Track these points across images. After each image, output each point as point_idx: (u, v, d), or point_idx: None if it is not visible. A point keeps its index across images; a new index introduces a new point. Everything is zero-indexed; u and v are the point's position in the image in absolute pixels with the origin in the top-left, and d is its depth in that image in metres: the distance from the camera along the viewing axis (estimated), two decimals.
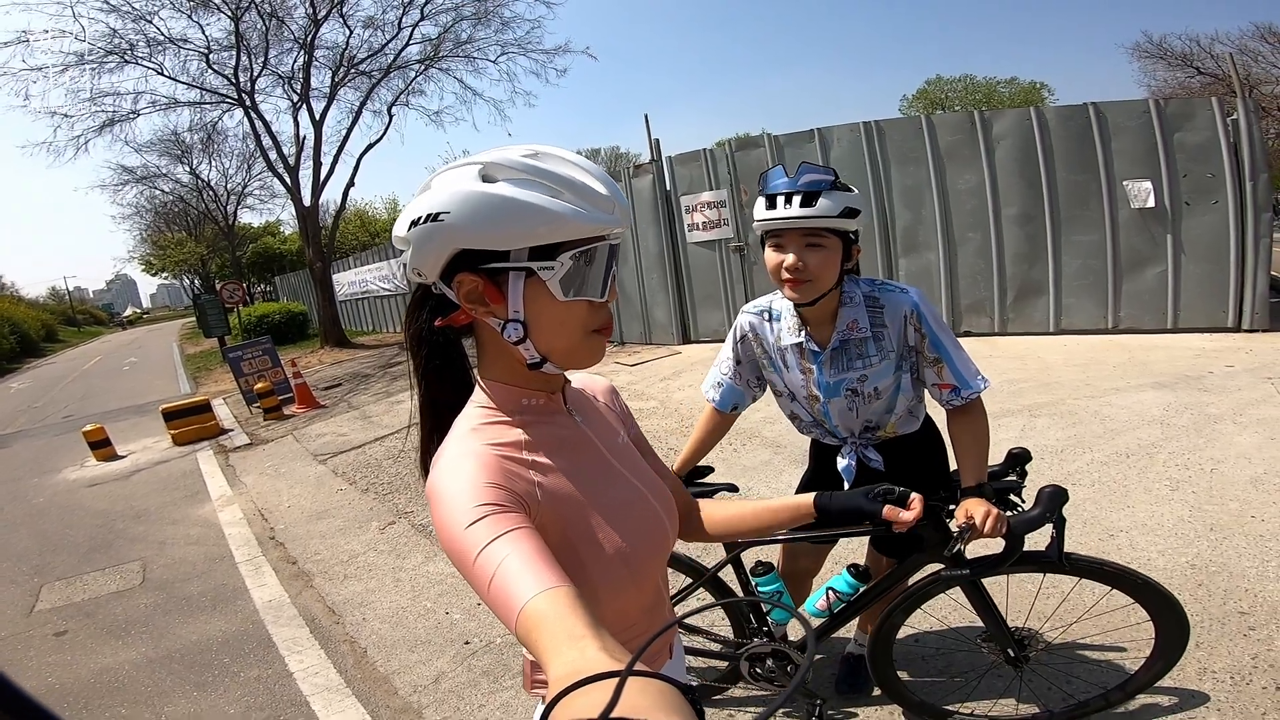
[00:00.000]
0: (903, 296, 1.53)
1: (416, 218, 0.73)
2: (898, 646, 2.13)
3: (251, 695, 2.54)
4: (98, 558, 4.24)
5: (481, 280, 0.73)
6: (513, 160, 0.72)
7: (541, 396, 0.83)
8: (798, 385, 1.67)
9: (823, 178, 1.43)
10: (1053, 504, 1.42)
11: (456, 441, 0.77)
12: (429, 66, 13.88)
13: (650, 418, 5.49)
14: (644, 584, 0.85)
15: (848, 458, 1.73)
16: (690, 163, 7.71)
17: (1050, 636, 2.08)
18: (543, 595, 0.57)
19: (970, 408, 1.55)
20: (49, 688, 2.78)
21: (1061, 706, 1.82)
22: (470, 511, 0.65)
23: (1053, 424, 3.95)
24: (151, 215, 30.03)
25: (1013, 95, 32.35)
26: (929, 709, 1.86)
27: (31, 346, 30.46)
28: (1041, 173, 5.70)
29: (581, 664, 0.49)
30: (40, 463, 7.51)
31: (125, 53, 11.68)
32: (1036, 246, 5.87)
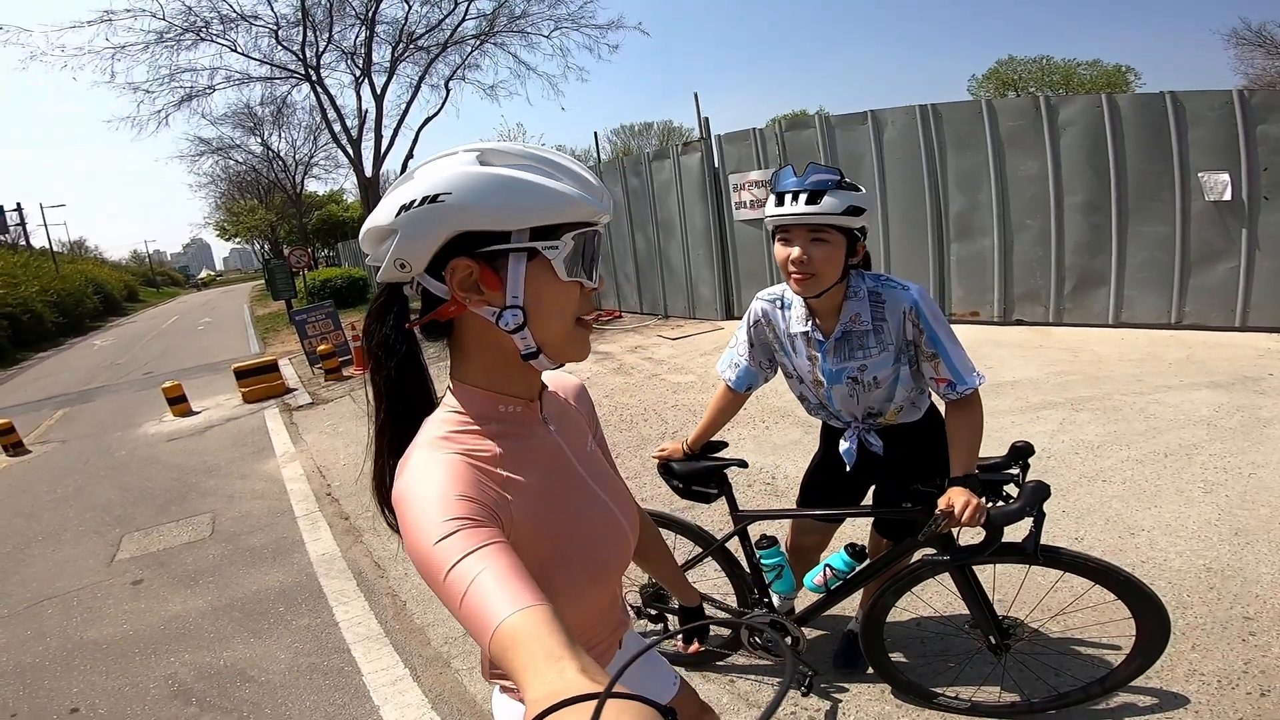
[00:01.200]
0: (903, 294, 1.61)
1: (408, 202, 0.70)
2: (900, 628, 2.27)
3: (300, 642, 2.79)
4: (173, 509, 4.62)
5: (478, 265, 0.71)
6: (508, 148, 0.72)
7: (519, 404, 0.81)
8: (805, 370, 1.79)
9: (828, 178, 1.51)
10: (1033, 498, 1.50)
11: (426, 447, 0.74)
12: (484, 41, 14.12)
13: (688, 392, 5.59)
14: (605, 593, 0.88)
15: (849, 441, 1.84)
16: (739, 141, 7.66)
17: (1038, 627, 2.13)
18: (518, 614, 0.55)
19: (966, 402, 1.62)
20: (123, 634, 3.06)
21: (1041, 697, 1.89)
22: (441, 525, 0.63)
23: (1094, 419, 3.85)
24: (225, 184, 31.52)
25: (1095, 78, 30.00)
26: (916, 689, 1.95)
27: (114, 306, 32.39)
28: (1111, 161, 5.44)
29: (560, 685, 0.48)
30: (122, 417, 8.10)
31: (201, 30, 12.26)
32: (1100, 236, 5.63)
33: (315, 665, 2.61)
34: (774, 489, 3.57)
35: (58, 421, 8.51)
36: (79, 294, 26.52)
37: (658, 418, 5.04)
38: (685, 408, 5.18)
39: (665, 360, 6.80)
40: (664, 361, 6.77)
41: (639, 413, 5.24)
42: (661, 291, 9.26)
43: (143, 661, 2.81)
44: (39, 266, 26.56)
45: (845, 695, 2.06)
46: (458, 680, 2.39)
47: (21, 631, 3.21)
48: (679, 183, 8.39)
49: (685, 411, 5.08)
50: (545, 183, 0.70)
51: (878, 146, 6.59)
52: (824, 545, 2.16)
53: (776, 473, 3.75)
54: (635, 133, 47.81)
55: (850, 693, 2.07)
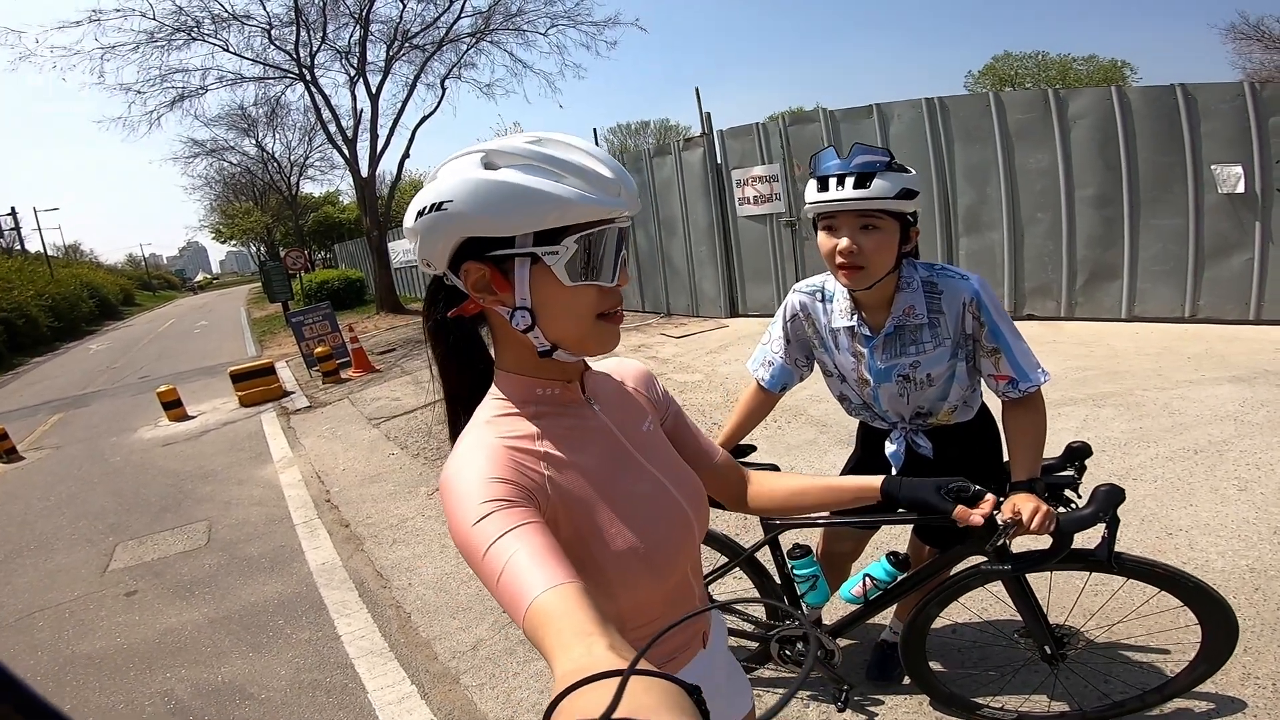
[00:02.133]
0: (963, 284, 1.48)
1: (422, 208, 0.72)
2: (934, 636, 2.12)
3: (302, 657, 2.67)
4: (168, 517, 4.50)
5: (488, 268, 0.73)
6: (515, 147, 0.71)
7: (557, 386, 0.81)
8: (848, 368, 1.65)
9: (877, 158, 1.37)
10: (1107, 503, 1.37)
11: (471, 433, 0.77)
12: (480, 39, 13.97)
13: (695, 391, 5.48)
14: (664, 577, 0.83)
15: (896, 443, 1.70)
16: (742, 136, 7.56)
17: (1092, 635, 2.02)
18: (551, 591, 0.56)
19: (1027, 401, 1.49)
20: (117, 648, 2.95)
21: (1095, 705, 1.78)
22: (479, 506, 0.65)
23: (1118, 415, 3.75)
24: (220, 186, 31.34)
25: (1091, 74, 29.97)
26: (958, 701, 1.85)
27: (110, 309, 32.30)
28: (1122, 154, 5.36)
29: (588, 661, 0.48)
30: (118, 422, 8.00)
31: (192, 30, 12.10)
32: (1112, 230, 5.55)
33: (317, 682, 2.50)
34: None
35: (52, 427, 8.41)
36: (74, 298, 26.44)
37: None
38: (693, 407, 5.07)
39: (670, 359, 6.70)
40: (669, 360, 6.66)
41: None
42: (664, 290, 9.15)
43: (137, 677, 2.70)
44: (34, 271, 26.40)
45: (881, 708, 1.96)
46: (467, 697, 2.28)
47: (12, 644, 3.10)
48: (681, 179, 8.28)
49: (694, 411, 4.97)
50: (544, 188, 0.69)
51: (884, 140, 6.49)
52: (858, 553, 2.05)
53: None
54: (632, 131, 47.72)
55: (886, 705, 1.97)
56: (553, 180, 0.69)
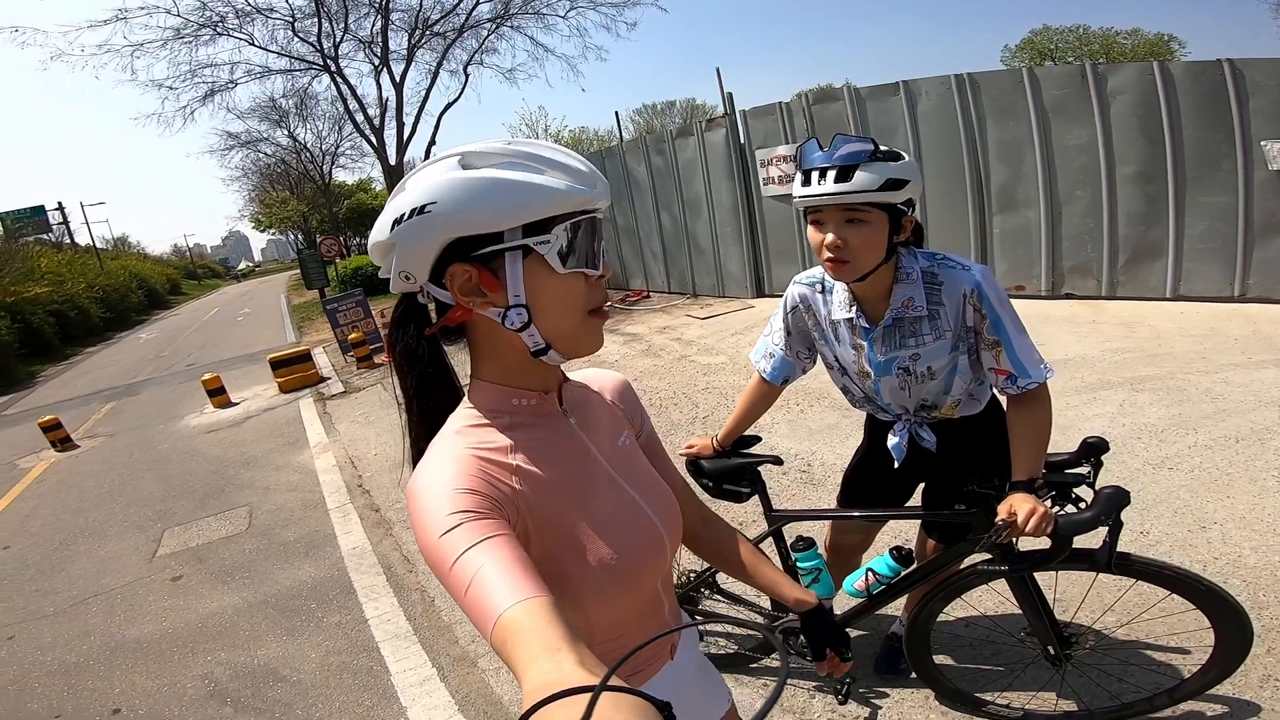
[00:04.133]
0: (964, 274, 1.43)
1: (399, 215, 0.71)
2: (945, 631, 2.13)
3: (331, 640, 2.79)
4: (212, 503, 4.70)
5: (475, 269, 0.72)
6: (489, 148, 0.72)
7: (534, 396, 0.80)
8: (849, 360, 1.63)
9: (860, 149, 1.33)
10: (1109, 506, 1.33)
11: (440, 443, 0.76)
12: (500, 25, 13.96)
13: (718, 374, 5.47)
14: (635, 593, 0.83)
15: (899, 435, 1.68)
16: (765, 116, 7.43)
17: (1105, 633, 1.98)
18: (519, 606, 0.56)
19: (1029, 397, 1.45)
20: (163, 633, 3.10)
21: (1103, 706, 1.75)
22: (446, 518, 0.64)
23: (1156, 400, 3.61)
24: (257, 176, 32.05)
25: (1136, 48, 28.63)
26: (963, 697, 1.83)
27: (158, 299, 33.47)
28: (1165, 130, 5.12)
29: (557, 677, 0.48)
30: (165, 410, 8.33)
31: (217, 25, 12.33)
32: (1156, 207, 5.32)
33: (345, 665, 2.60)
34: (810, 477, 3.43)
35: (105, 415, 8.78)
36: (124, 289, 27.41)
37: (688, 401, 4.93)
38: (716, 390, 5.06)
39: (695, 341, 6.68)
40: (693, 342, 6.64)
41: (668, 396, 5.13)
42: (690, 270, 9.10)
43: (181, 661, 2.84)
44: (84, 264, 27.39)
45: (885, 701, 1.96)
46: (484, 680, 2.35)
47: (67, 630, 3.27)
48: (704, 160, 8.19)
49: (716, 394, 4.96)
50: (529, 179, 0.69)
51: (912, 118, 6.31)
52: (866, 545, 2.03)
53: (812, 459, 3.61)
54: (658, 112, 47.15)
55: (891, 699, 1.96)
56: (535, 174, 0.70)
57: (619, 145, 9.89)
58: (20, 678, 2.92)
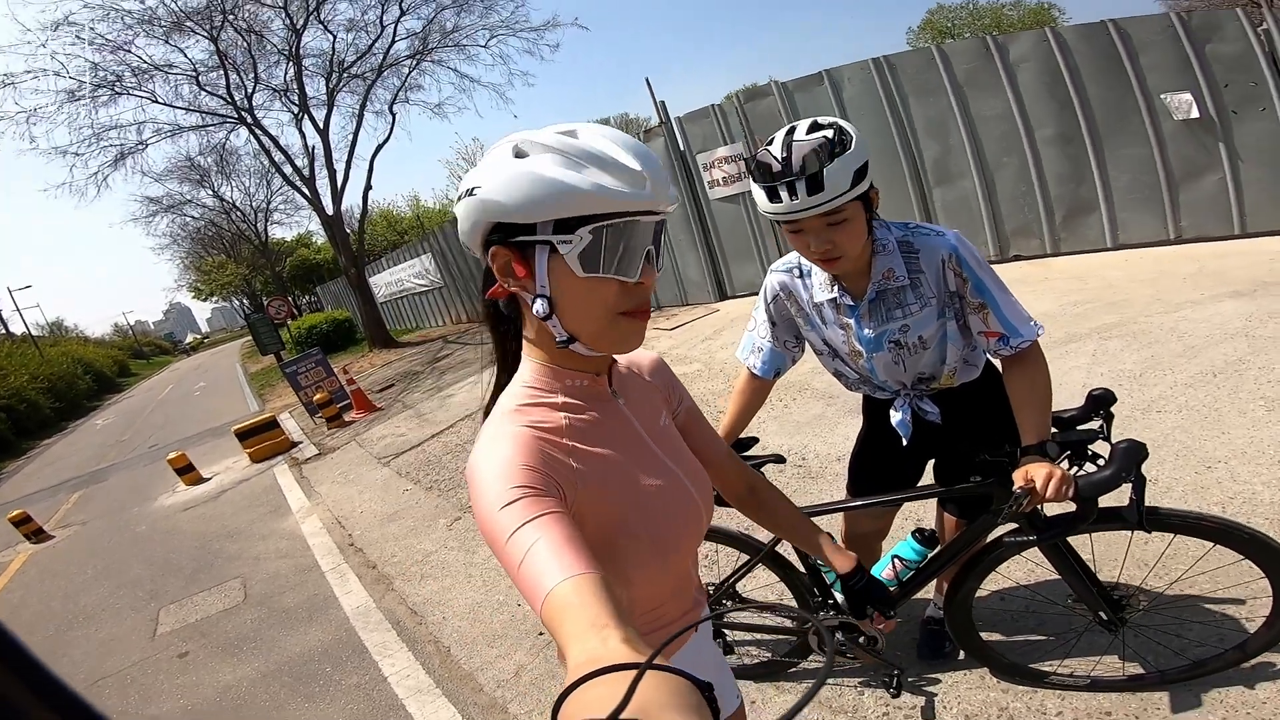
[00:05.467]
0: (939, 240, 1.42)
1: (461, 191, 0.75)
2: (984, 605, 2.07)
3: (354, 703, 2.69)
4: (202, 578, 4.53)
5: (511, 254, 0.75)
6: (544, 136, 0.73)
7: (587, 378, 0.83)
8: (839, 342, 1.60)
9: (817, 147, 1.27)
10: (1127, 461, 1.29)
11: (497, 421, 0.78)
12: (420, 61, 13.76)
13: (695, 381, 5.49)
14: (675, 568, 0.87)
15: (901, 411, 1.64)
16: (700, 120, 7.58)
17: (1156, 591, 1.91)
18: (568, 582, 0.57)
19: (1023, 357, 1.42)
20: (182, 710, 3.00)
21: (1173, 666, 1.69)
22: (504, 494, 0.66)
23: (1126, 346, 3.71)
24: (187, 242, 30.90)
25: (1021, 18, 30.13)
26: (1021, 670, 1.78)
27: (107, 383, 32.20)
28: (1071, 92, 5.43)
29: (602, 653, 0.49)
30: (137, 492, 8.02)
31: (113, 84, 11.79)
32: (1079, 165, 5.60)
33: None
34: (807, 470, 3.46)
35: (75, 504, 8.45)
36: (69, 376, 26.39)
37: None
38: (697, 399, 5.07)
39: (666, 353, 6.71)
40: (665, 354, 6.68)
41: None
42: None
43: None
44: (23, 354, 26.31)
45: (940, 687, 1.91)
46: None
47: None
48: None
49: (698, 403, 4.99)
50: (561, 177, 0.69)
51: (839, 105, 6.52)
52: (884, 532, 1.98)
53: (806, 452, 3.65)
54: None
55: (945, 684, 1.91)
56: (574, 170, 0.70)
57: None
58: None
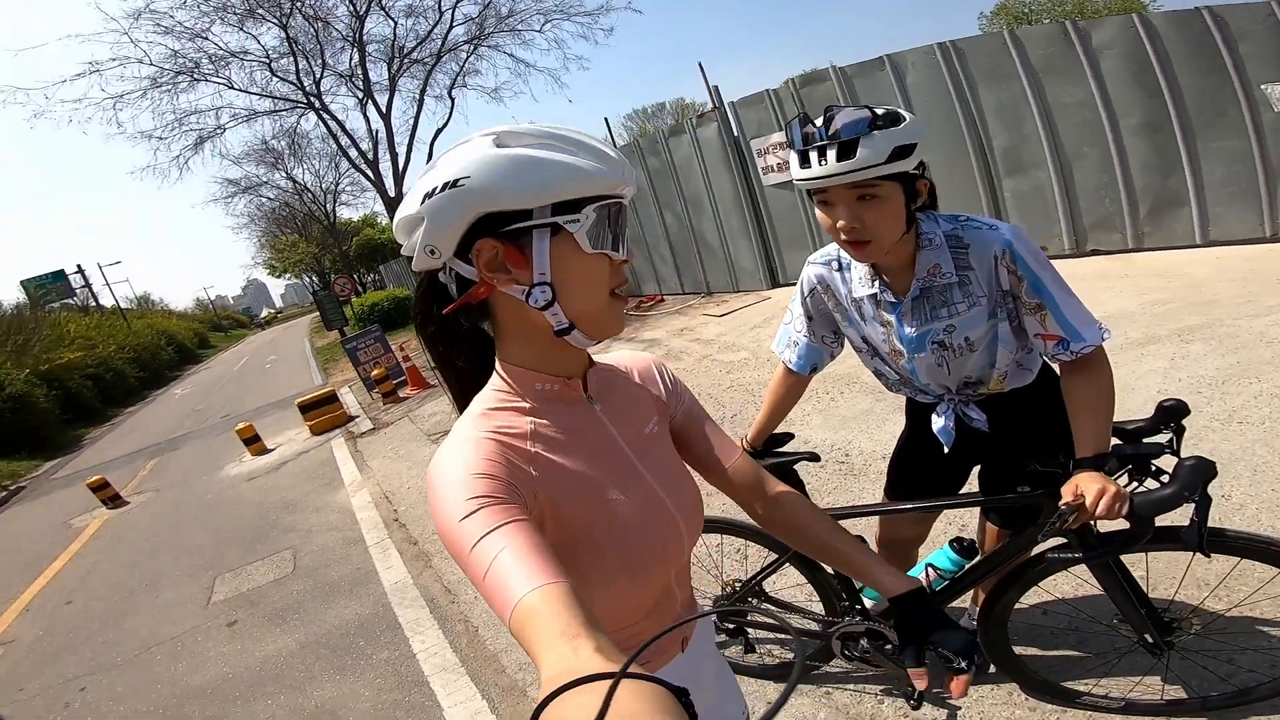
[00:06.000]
0: (992, 234, 1.29)
1: (431, 189, 0.72)
2: (1020, 619, 1.98)
3: (382, 677, 2.78)
4: (258, 548, 4.76)
5: (502, 245, 0.72)
6: (524, 128, 0.73)
7: (557, 382, 0.80)
8: (878, 339, 1.50)
9: (857, 118, 1.20)
10: (1192, 479, 1.17)
11: (462, 425, 0.77)
12: (477, 46, 14.02)
13: (742, 370, 5.40)
14: (647, 586, 0.82)
15: (944, 417, 1.54)
16: (755, 105, 7.39)
17: (1211, 614, 1.78)
18: (536, 591, 0.56)
19: (1084, 364, 1.30)
20: (224, 678, 3.15)
21: (1217, 693, 1.58)
22: (465, 503, 0.64)
23: (1209, 350, 3.42)
24: (263, 221, 32.41)
25: (1110, 5, 27.94)
26: (1052, 688, 1.69)
27: (188, 354, 34.10)
28: (1161, 81, 4.99)
29: (575, 663, 0.48)
30: (207, 461, 8.51)
31: (192, 71, 12.47)
32: (1168, 157, 5.16)
33: (398, 701, 2.59)
34: (849, 467, 3.35)
35: (150, 472, 9.00)
36: (154, 347, 28.07)
37: (714, 401, 4.87)
38: (742, 387, 4.99)
39: (714, 339, 6.62)
40: (713, 341, 6.59)
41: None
42: (701, 269, 9.05)
43: (244, 706, 2.87)
44: (112, 325, 28.06)
45: (964, 701, 1.84)
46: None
47: (136, 679, 3.35)
48: (700, 157, 8.15)
49: (742, 391, 4.90)
50: (562, 158, 0.70)
51: (902, 91, 6.21)
52: (922, 538, 1.90)
53: (850, 448, 3.52)
54: (648, 114, 47.50)
55: (969, 697, 1.84)
56: (570, 155, 0.71)
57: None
58: None
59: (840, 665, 1.96)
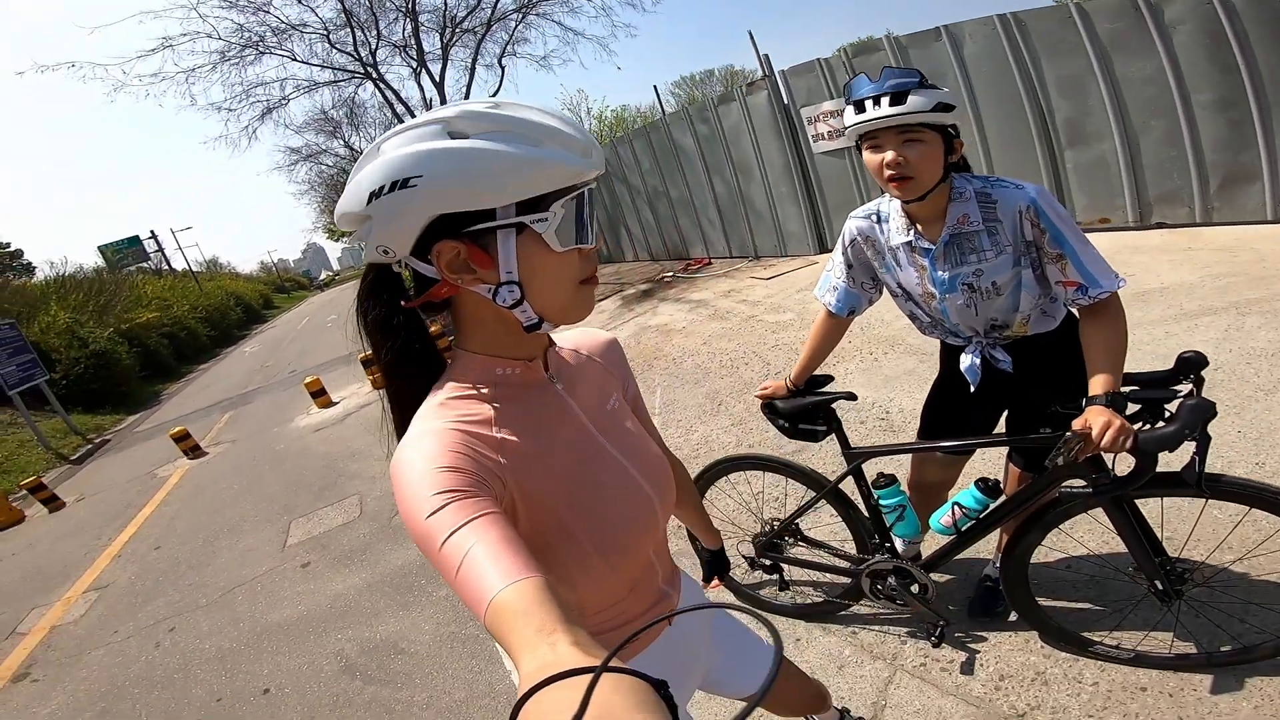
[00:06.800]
0: (1018, 193, 1.45)
1: (377, 189, 0.66)
2: (1046, 573, 2.09)
3: (441, 613, 3.03)
4: (327, 494, 5.09)
5: (464, 245, 0.68)
6: (479, 112, 0.66)
7: (519, 365, 0.78)
8: (913, 283, 1.64)
9: (908, 79, 1.38)
10: (1193, 418, 1.26)
11: (423, 417, 0.73)
12: (526, 14, 13.94)
13: (787, 330, 5.48)
14: (625, 563, 0.81)
15: (972, 355, 1.66)
16: (805, 74, 7.26)
17: (1219, 567, 1.85)
18: (511, 588, 0.54)
19: (1101, 308, 1.42)
20: (299, 615, 3.39)
21: (1223, 649, 1.65)
22: (432, 498, 0.62)
23: (1265, 324, 3.35)
24: (323, 188, 33.21)
25: None
26: (1069, 636, 1.79)
27: (254, 314, 35.72)
28: (1239, 57, 4.71)
29: (552, 660, 0.47)
30: (277, 413, 9.00)
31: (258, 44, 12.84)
32: (1242, 132, 4.90)
33: (455, 634, 2.83)
34: (889, 424, 3.43)
35: (225, 424, 9.57)
36: (223, 308, 29.49)
37: (759, 360, 4.96)
38: (786, 347, 5.06)
39: (761, 301, 6.66)
40: (759, 302, 6.62)
41: (739, 357, 5.17)
42: (749, 233, 9.03)
43: (316, 641, 3.13)
44: (184, 287, 29.53)
45: (983, 645, 1.95)
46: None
47: (220, 618, 3.65)
48: (749, 124, 8.07)
49: (786, 351, 4.97)
50: (525, 153, 0.65)
51: (959, 63, 6.01)
52: (951, 481, 1.98)
53: (890, 406, 3.60)
54: (697, 82, 46.44)
55: (989, 642, 1.95)
56: (531, 145, 0.66)
57: (662, 119, 9.83)
58: (184, 665, 3.26)
59: (868, 604, 2.08)
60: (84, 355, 14.27)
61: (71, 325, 15.13)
